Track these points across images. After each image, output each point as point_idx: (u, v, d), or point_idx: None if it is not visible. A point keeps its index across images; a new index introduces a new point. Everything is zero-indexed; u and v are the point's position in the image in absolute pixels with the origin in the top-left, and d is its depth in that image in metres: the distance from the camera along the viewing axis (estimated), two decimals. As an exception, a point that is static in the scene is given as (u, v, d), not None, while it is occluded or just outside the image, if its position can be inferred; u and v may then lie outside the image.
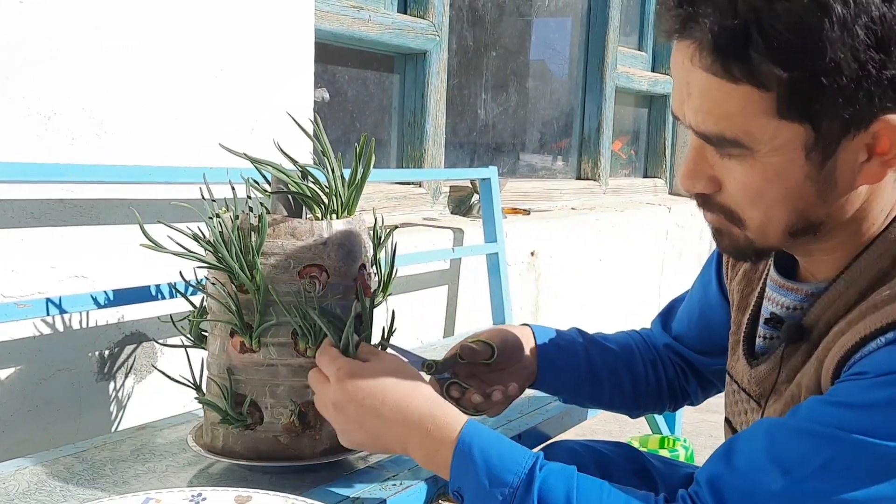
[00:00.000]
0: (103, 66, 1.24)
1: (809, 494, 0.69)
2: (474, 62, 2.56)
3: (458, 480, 0.83)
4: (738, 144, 0.73)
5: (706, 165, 0.77)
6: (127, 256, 1.30)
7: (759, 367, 0.89)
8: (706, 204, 0.80)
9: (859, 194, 0.76)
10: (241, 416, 0.97)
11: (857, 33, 0.66)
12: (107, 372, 1.30)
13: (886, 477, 0.67)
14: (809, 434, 0.71)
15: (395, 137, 2.24)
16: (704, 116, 0.73)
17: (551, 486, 0.78)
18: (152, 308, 1.35)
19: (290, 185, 0.99)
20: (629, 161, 3.56)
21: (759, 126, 0.71)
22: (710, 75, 0.71)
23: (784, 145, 0.71)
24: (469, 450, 0.82)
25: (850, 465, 0.68)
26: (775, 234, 0.78)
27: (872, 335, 0.71)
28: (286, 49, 1.53)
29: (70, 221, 1.23)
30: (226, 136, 1.43)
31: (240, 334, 0.97)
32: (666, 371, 1.14)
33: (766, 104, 0.70)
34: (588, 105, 3.10)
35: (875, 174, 0.73)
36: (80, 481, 0.98)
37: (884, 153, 0.72)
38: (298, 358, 0.97)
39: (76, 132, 1.22)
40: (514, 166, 2.88)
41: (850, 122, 0.70)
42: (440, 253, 1.91)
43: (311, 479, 0.99)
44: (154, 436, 1.14)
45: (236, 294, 0.96)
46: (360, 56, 2.09)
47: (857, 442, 0.68)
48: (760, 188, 0.74)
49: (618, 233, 2.84)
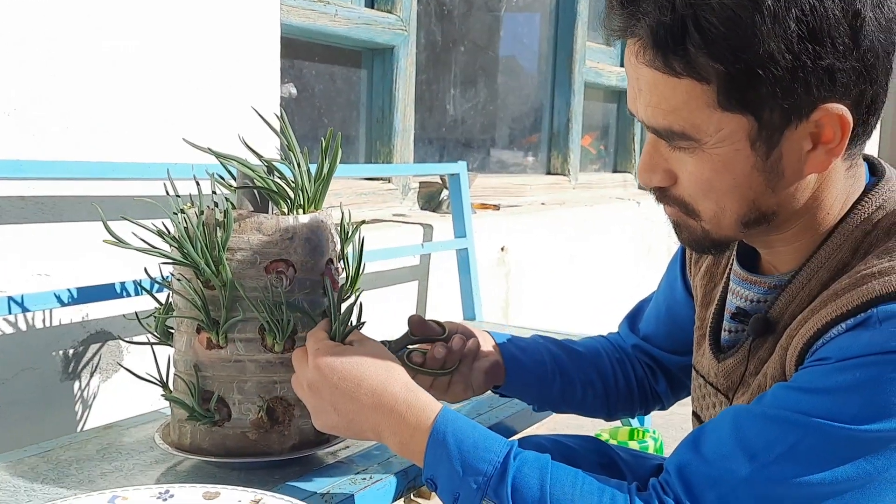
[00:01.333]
0: (65, 61, 1.22)
1: (775, 478, 0.71)
2: (443, 57, 2.56)
3: (432, 468, 0.83)
4: (686, 137, 0.74)
5: (661, 159, 0.79)
6: (91, 254, 1.28)
7: (727, 360, 0.90)
8: (663, 197, 0.82)
9: (808, 183, 0.77)
10: (209, 413, 0.97)
11: (789, 25, 0.67)
12: (71, 371, 1.28)
13: (848, 459, 0.69)
14: (774, 420, 0.72)
15: (363, 133, 2.24)
16: (654, 111, 0.75)
17: (525, 474, 0.78)
18: (117, 306, 1.33)
19: (255, 180, 0.99)
20: (599, 156, 3.59)
21: (703, 118, 0.73)
22: (654, 71, 0.73)
23: (729, 136, 0.73)
24: (443, 437, 0.82)
25: (814, 448, 0.70)
26: (729, 225, 0.79)
27: (834, 322, 0.73)
28: (252, 44, 1.52)
29: (32, 219, 1.21)
30: (191, 131, 1.42)
31: (206, 330, 0.96)
32: (635, 371, 1.14)
33: (707, 97, 0.72)
34: (557, 100, 3.12)
35: (821, 163, 0.75)
36: (46, 481, 0.97)
37: (828, 142, 0.73)
38: (266, 353, 0.97)
39: (38, 128, 1.20)
40: (483, 162, 2.89)
41: (790, 111, 0.71)
42: (410, 249, 1.91)
43: (280, 474, 0.99)
44: (121, 435, 1.13)
45: (202, 290, 0.95)
46: (327, 51, 2.08)
47: (819, 426, 0.70)
48: (710, 179, 0.76)
49: (588, 227, 2.86)
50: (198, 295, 0.95)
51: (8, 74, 1.16)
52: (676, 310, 1.09)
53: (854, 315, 0.71)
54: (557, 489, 0.77)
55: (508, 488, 0.78)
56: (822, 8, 0.68)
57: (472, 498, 0.80)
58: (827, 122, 0.72)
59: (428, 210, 2.32)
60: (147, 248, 0.97)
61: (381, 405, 0.85)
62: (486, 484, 0.79)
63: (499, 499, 0.78)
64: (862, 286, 0.72)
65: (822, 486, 0.69)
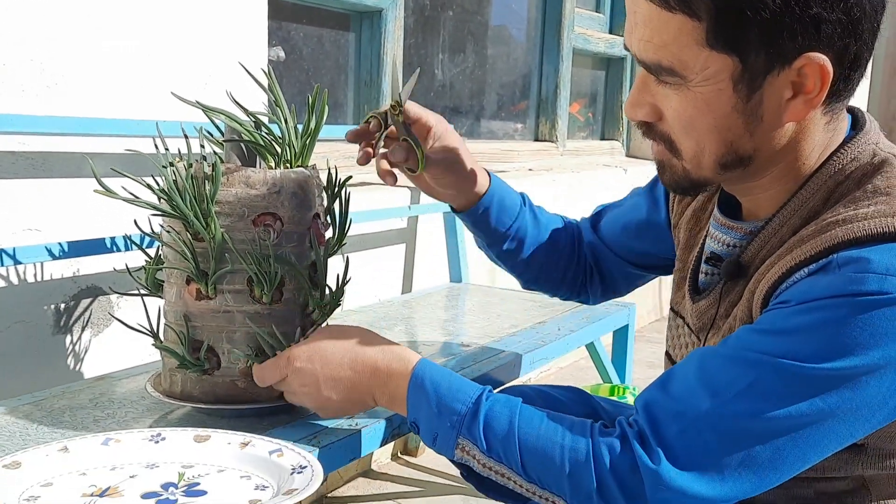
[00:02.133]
0: (53, 16, 1.23)
1: (735, 414, 0.74)
2: (431, 22, 2.56)
3: (414, 412, 0.88)
4: (673, 73, 0.77)
5: (648, 95, 0.82)
6: (81, 210, 1.30)
7: (700, 302, 0.94)
8: (650, 132, 0.85)
9: (786, 132, 0.80)
10: (199, 362, 1.00)
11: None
12: (63, 325, 1.30)
13: (806, 396, 0.72)
14: (736, 360, 0.76)
15: (351, 97, 2.24)
16: (646, 45, 0.78)
17: (496, 412, 0.83)
18: (107, 261, 1.35)
19: (242, 134, 1.01)
20: (587, 123, 3.60)
21: (691, 55, 0.75)
22: (651, 5, 0.76)
23: (713, 76, 0.76)
24: (421, 382, 0.87)
25: (773, 386, 0.73)
26: (708, 166, 0.82)
27: (797, 266, 0.76)
28: (240, 5, 1.52)
29: (22, 174, 1.22)
30: (178, 89, 1.42)
31: (196, 281, 0.99)
32: (579, 261, 1.21)
33: (697, 34, 0.74)
34: (545, 67, 3.12)
35: (799, 112, 0.77)
36: (40, 427, 0.99)
37: (808, 92, 0.76)
38: (254, 304, 0.99)
39: (26, 84, 1.21)
40: (471, 128, 2.89)
41: (774, 56, 0.74)
42: (397, 210, 1.94)
43: (269, 421, 1.02)
44: (113, 385, 1.16)
45: (191, 242, 0.97)
46: (315, 14, 2.08)
47: (778, 365, 0.73)
48: (692, 117, 0.79)
49: (575, 194, 2.88)
50: (187, 247, 0.97)
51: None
52: (646, 227, 1.14)
53: (816, 260, 0.74)
54: (525, 425, 0.82)
55: (480, 425, 0.83)
56: None
57: (448, 436, 0.85)
58: (809, 73, 0.74)
59: (416, 174, 2.34)
60: (135, 200, 0.99)
61: (364, 371, 0.91)
62: (459, 423, 0.84)
63: (472, 436, 0.83)
64: (826, 233, 0.75)
65: (779, 421, 0.73)
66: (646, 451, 0.76)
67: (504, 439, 0.82)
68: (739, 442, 0.74)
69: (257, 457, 0.86)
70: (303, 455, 0.85)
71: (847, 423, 0.74)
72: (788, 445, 0.74)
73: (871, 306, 0.70)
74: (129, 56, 1.34)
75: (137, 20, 1.34)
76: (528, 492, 0.83)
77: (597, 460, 0.78)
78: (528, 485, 0.82)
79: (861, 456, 0.82)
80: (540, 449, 0.80)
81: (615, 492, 0.77)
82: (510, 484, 0.83)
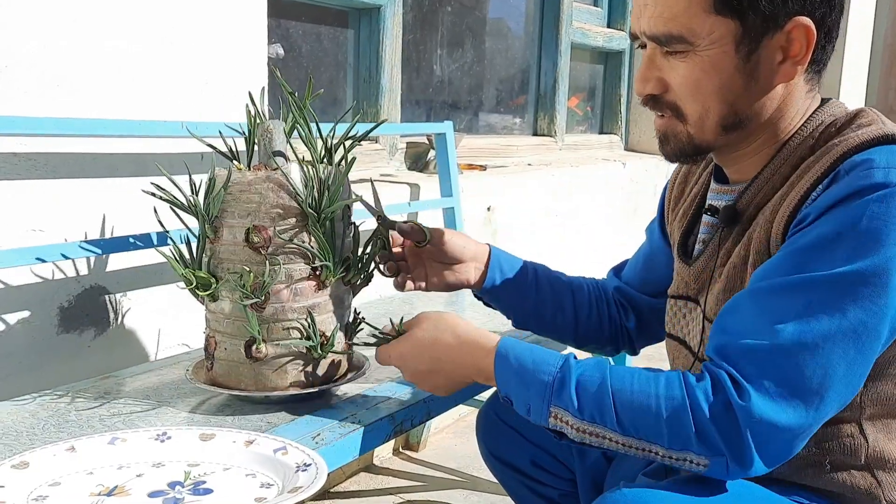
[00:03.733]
0: (56, 18, 1.23)
1: (800, 338, 0.79)
2: (429, 17, 2.56)
3: (504, 387, 0.92)
4: (683, 40, 0.88)
5: (655, 69, 0.92)
6: (83, 210, 1.31)
7: (697, 262, 1.01)
8: (656, 104, 0.94)
9: (777, 93, 0.91)
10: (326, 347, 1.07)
11: None
12: (67, 325, 1.31)
13: (855, 299, 0.79)
14: (783, 287, 0.82)
15: (350, 93, 2.25)
16: (657, 20, 0.89)
17: (587, 375, 0.86)
18: (111, 261, 1.36)
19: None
20: (585, 117, 3.61)
21: (699, 22, 0.87)
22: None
23: (719, 39, 0.87)
24: (506, 358, 0.92)
25: (824, 300, 0.80)
26: (710, 127, 0.92)
27: (812, 187, 0.85)
28: (240, 3, 1.53)
29: (24, 175, 1.23)
30: (179, 89, 1.43)
31: (325, 274, 1.06)
32: (609, 309, 1.23)
33: (704, 2, 0.87)
34: (544, 61, 3.13)
35: (787, 73, 0.90)
36: (46, 427, 1.01)
37: (795, 55, 0.88)
38: (346, 287, 1.12)
39: (29, 85, 1.22)
40: (470, 123, 2.90)
41: (769, 19, 0.86)
42: (397, 208, 1.94)
43: (273, 419, 1.03)
44: (118, 384, 1.17)
45: (322, 239, 1.04)
46: (314, 11, 2.09)
47: (820, 279, 0.80)
48: (699, 80, 0.89)
49: (574, 188, 2.89)
50: (318, 244, 1.04)
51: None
52: (653, 256, 1.19)
53: (826, 177, 0.84)
54: (617, 381, 0.85)
55: (572, 389, 0.86)
56: None
57: (540, 407, 0.88)
58: (796, 36, 0.87)
59: (415, 170, 2.35)
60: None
61: (457, 349, 0.97)
62: (549, 392, 0.87)
63: (563, 402, 0.86)
64: (827, 153, 0.86)
65: (842, 332, 0.79)
66: (736, 390, 0.80)
67: (597, 397, 0.84)
68: (813, 362, 0.79)
69: (262, 455, 0.87)
70: (307, 453, 0.86)
71: (886, 307, 0.79)
72: (854, 353, 0.79)
73: (881, 199, 0.79)
74: (130, 56, 1.35)
75: (138, 20, 1.35)
76: (624, 446, 0.85)
77: (693, 404, 0.81)
78: (625, 438, 0.84)
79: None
80: (636, 401, 0.83)
81: (713, 433, 0.80)
82: (605, 443, 0.85)
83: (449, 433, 2.34)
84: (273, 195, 1.03)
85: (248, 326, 1.03)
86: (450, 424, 2.38)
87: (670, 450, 0.82)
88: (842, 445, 0.90)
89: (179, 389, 1.15)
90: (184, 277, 1.06)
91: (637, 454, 0.85)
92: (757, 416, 0.78)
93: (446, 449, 2.24)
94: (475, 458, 2.14)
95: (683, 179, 1.13)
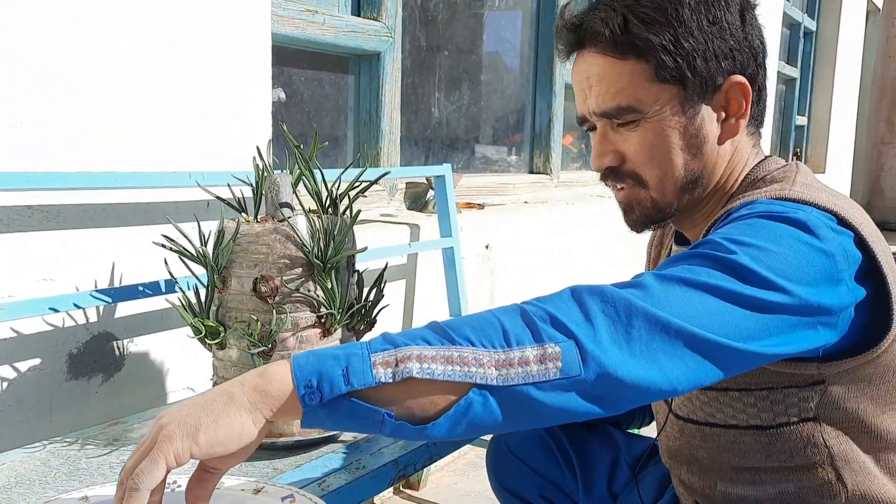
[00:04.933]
0: (67, 73, 1.28)
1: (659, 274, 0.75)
2: (427, 61, 2.63)
3: (307, 374, 0.68)
4: (633, 110, 0.93)
5: (609, 144, 0.97)
6: (91, 259, 1.34)
7: None
8: (616, 176, 0.98)
9: (726, 150, 0.97)
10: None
11: (700, 12, 0.91)
12: (76, 371, 1.34)
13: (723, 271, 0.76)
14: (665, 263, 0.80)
15: (351, 136, 2.30)
16: (604, 97, 0.94)
17: (407, 332, 0.71)
18: (119, 308, 1.39)
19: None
20: (580, 155, 3.66)
21: (644, 91, 0.92)
22: (605, 57, 0.93)
23: (665, 104, 0.93)
24: (305, 353, 0.71)
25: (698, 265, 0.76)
26: (672, 188, 0.96)
27: (712, 225, 0.91)
28: (245, 53, 1.58)
29: (38, 226, 1.27)
30: (188, 139, 1.48)
31: (329, 321, 1.09)
32: None
33: (647, 73, 0.92)
34: (539, 101, 3.19)
35: (731, 129, 0.96)
36: (58, 475, 1.03)
37: (735, 112, 0.95)
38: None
39: (42, 140, 1.26)
40: (468, 161, 2.95)
41: (706, 80, 0.92)
42: (397, 248, 1.98)
43: (279, 465, 1.05)
44: (126, 430, 1.20)
45: (325, 286, 1.08)
46: (315, 58, 2.14)
47: (699, 253, 0.78)
48: (653, 145, 0.94)
49: (569, 225, 2.93)
50: (324, 293, 1.08)
51: (16, 89, 1.21)
52: None
53: (721, 219, 0.88)
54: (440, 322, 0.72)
55: (395, 335, 0.70)
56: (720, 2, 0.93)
57: (359, 362, 0.68)
58: (733, 94, 0.94)
59: (414, 210, 2.39)
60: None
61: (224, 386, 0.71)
62: (367, 347, 0.69)
63: (389, 345, 0.69)
64: (729, 205, 0.92)
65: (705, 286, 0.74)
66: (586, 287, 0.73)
67: (423, 329, 0.71)
68: (671, 292, 0.73)
69: (270, 503, 0.89)
70: (314, 500, 0.88)
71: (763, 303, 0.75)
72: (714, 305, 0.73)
73: (760, 214, 0.82)
74: (142, 106, 1.39)
75: (149, 72, 1.39)
76: (476, 363, 0.68)
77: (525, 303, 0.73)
78: (474, 352, 0.68)
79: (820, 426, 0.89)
80: (474, 321, 0.71)
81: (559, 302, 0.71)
82: (450, 368, 0.67)
83: (449, 471, 2.35)
84: (280, 246, 1.07)
85: (255, 374, 1.06)
86: (449, 462, 2.39)
87: (518, 349, 0.68)
88: (820, 491, 0.91)
89: (187, 435, 1.17)
90: (193, 327, 1.09)
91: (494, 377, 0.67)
92: (607, 291, 0.71)
93: (446, 487, 2.25)
94: (475, 497, 2.16)
95: (659, 242, 1.18)
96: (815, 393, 0.89)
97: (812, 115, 7.20)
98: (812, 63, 6.98)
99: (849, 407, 0.89)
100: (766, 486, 0.94)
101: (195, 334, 1.10)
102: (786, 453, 0.91)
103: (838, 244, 0.81)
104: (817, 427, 0.90)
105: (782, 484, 0.93)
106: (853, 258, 0.82)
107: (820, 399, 0.89)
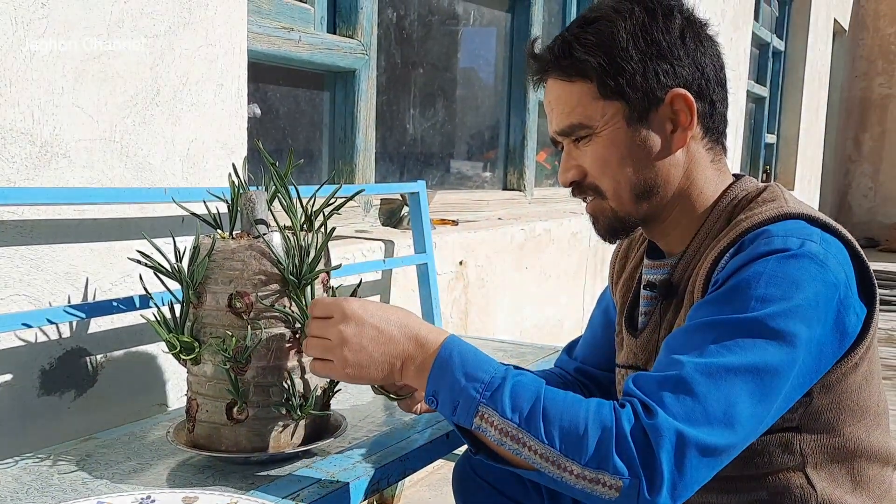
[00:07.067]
0: (42, 87, 1.28)
1: (706, 368, 0.86)
2: (402, 78, 2.65)
3: (436, 382, 0.92)
4: (583, 126, 1.01)
5: (572, 160, 1.05)
6: (66, 273, 1.34)
7: (643, 333, 1.09)
8: (580, 189, 1.06)
9: (678, 160, 1.03)
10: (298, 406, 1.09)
11: (637, 34, 0.99)
12: (48, 387, 1.33)
13: (751, 336, 0.87)
14: (693, 330, 0.90)
15: (326, 152, 2.31)
16: (560, 117, 1.03)
17: (524, 383, 0.89)
18: (92, 323, 1.39)
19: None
20: (553, 171, 3.71)
21: (591, 109, 1.01)
22: (557, 81, 1.03)
23: (611, 119, 1.00)
24: (449, 354, 0.93)
25: (726, 337, 0.87)
26: (627, 198, 1.03)
27: (720, 255, 0.97)
28: (221, 70, 1.59)
29: (12, 242, 1.26)
30: (162, 154, 1.48)
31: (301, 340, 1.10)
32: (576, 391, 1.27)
33: (592, 92, 1.00)
34: (513, 118, 3.23)
35: (679, 140, 1.02)
36: (30, 491, 1.03)
37: (683, 123, 1.01)
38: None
39: (18, 157, 1.26)
40: (442, 178, 2.98)
41: (650, 95, 0.99)
42: (372, 264, 2.00)
43: (253, 480, 1.06)
44: (99, 446, 1.19)
45: (300, 302, 1.09)
46: (291, 74, 2.16)
47: (724, 321, 0.89)
48: (604, 157, 1.01)
49: (543, 241, 2.97)
50: (299, 311, 1.09)
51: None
52: (610, 330, 1.24)
53: (732, 246, 0.96)
54: (551, 394, 0.88)
55: (507, 392, 0.87)
56: (654, 23, 1.00)
57: (469, 404, 0.89)
58: (679, 107, 1.00)
59: (389, 226, 2.41)
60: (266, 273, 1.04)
61: (407, 333, 0.96)
62: (484, 390, 0.88)
63: (494, 403, 0.87)
64: (735, 228, 0.98)
65: (742, 366, 0.86)
66: (645, 412, 0.84)
67: (529, 402, 0.86)
68: (717, 391, 0.84)
69: (244, 517, 0.90)
70: (288, 514, 0.89)
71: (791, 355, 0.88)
72: (755, 387, 0.85)
73: (780, 259, 0.89)
74: (117, 121, 1.40)
75: (126, 86, 1.40)
76: (540, 459, 0.85)
77: (618, 426, 0.84)
78: (545, 449, 0.84)
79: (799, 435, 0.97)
80: (566, 414, 0.85)
81: (632, 450, 0.82)
82: (523, 452, 0.85)
83: (423, 486, 2.36)
84: (255, 262, 1.08)
85: (229, 389, 1.07)
86: (424, 477, 2.40)
87: (586, 468, 0.83)
88: (792, 496, 0.96)
89: (160, 451, 1.18)
90: (168, 342, 1.10)
91: (548, 471, 0.85)
92: (664, 430, 0.82)
93: (420, 501, 2.26)
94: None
95: (624, 255, 1.22)
96: (801, 404, 0.95)
97: (781, 133, 7.35)
98: (781, 82, 7.13)
99: (829, 417, 0.96)
100: (741, 494, 0.99)
101: (170, 350, 1.10)
102: (765, 460, 0.97)
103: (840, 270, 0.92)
104: (797, 435, 0.96)
105: (757, 492, 0.99)
106: (851, 278, 0.93)
107: (805, 410, 0.96)
